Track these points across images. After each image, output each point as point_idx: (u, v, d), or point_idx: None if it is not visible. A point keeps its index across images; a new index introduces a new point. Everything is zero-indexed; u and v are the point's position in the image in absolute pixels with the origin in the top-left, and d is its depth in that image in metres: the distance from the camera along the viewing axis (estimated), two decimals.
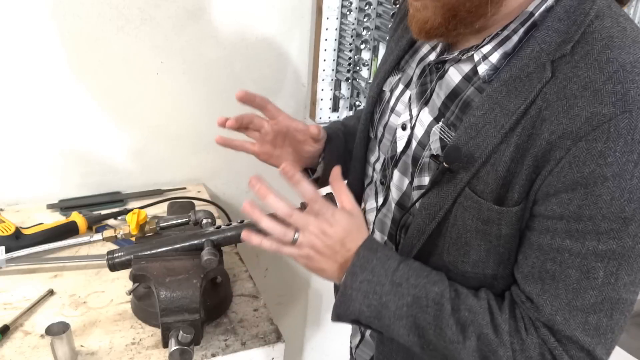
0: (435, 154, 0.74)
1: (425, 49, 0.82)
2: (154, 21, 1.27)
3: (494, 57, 0.69)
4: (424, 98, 0.78)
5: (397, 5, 1.26)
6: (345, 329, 0.97)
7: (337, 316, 0.75)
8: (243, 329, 0.96)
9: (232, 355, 0.90)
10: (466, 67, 0.73)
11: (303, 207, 0.91)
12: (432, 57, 0.80)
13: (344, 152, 1.01)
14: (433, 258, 0.76)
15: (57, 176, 1.33)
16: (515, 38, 0.68)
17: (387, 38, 0.96)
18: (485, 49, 0.70)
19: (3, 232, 1.10)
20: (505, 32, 0.68)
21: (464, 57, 0.72)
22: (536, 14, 0.67)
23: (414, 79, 0.81)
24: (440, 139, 0.74)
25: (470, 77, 0.72)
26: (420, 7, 0.70)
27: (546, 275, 0.66)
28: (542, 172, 0.63)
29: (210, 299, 0.94)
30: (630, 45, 0.62)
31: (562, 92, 0.62)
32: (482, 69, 0.70)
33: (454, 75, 0.74)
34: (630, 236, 0.61)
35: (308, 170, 1.01)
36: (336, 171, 0.77)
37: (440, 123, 0.74)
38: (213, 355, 0.90)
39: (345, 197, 0.77)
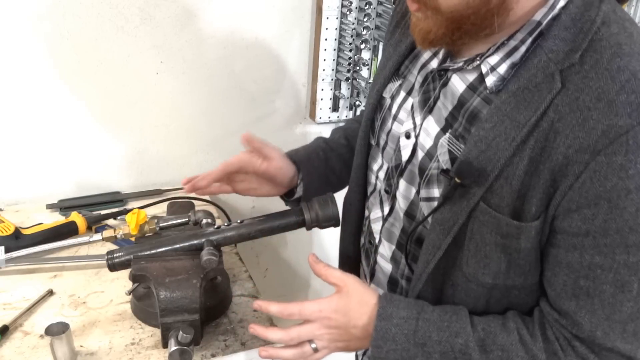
0: (445, 168, 0.72)
1: (427, 54, 0.81)
2: (154, 21, 1.26)
3: (502, 68, 0.68)
4: (427, 106, 0.77)
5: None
6: None
7: None
8: (243, 329, 0.95)
9: (232, 355, 0.90)
10: (470, 77, 0.71)
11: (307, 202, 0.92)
12: (434, 63, 0.78)
13: (325, 170, 1.02)
14: (452, 270, 0.74)
15: (57, 176, 1.32)
16: (522, 48, 0.67)
17: (384, 42, 0.95)
18: (493, 59, 0.68)
19: (3, 232, 1.09)
20: (513, 42, 0.67)
21: (469, 67, 0.71)
22: (543, 23, 0.65)
23: (416, 86, 0.80)
24: (449, 150, 0.72)
25: (475, 86, 0.71)
26: (421, 17, 0.69)
27: (580, 292, 0.65)
28: (561, 187, 0.62)
29: (210, 299, 0.94)
30: (639, 52, 0.61)
31: (575, 104, 0.61)
32: (490, 81, 0.68)
33: (458, 84, 0.73)
34: None
35: (293, 190, 1.02)
36: (312, 258, 0.80)
37: (448, 134, 0.73)
38: (213, 356, 0.89)
39: (332, 278, 0.78)
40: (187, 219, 1.02)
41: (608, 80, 0.60)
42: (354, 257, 1.00)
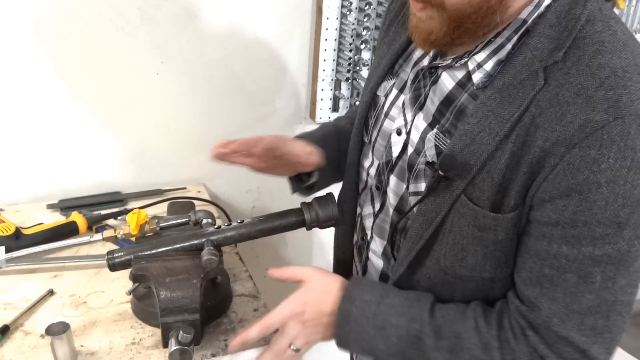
0: (430, 160, 0.74)
1: (419, 52, 0.82)
2: (154, 21, 1.27)
3: (489, 65, 0.69)
4: (418, 103, 0.78)
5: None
6: None
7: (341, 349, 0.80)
8: (243, 329, 0.95)
9: (232, 355, 0.90)
10: (459, 74, 0.73)
11: (305, 206, 0.92)
12: (426, 62, 0.79)
13: (338, 155, 0.99)
14: (429, 263, 0.76)
15: (57, 176, 1.33)
16: (508, 46, 0.68)
17: (378, 41, 0.96)
18: (479, 57, 0.69)
19: (3, 232, 1.10)
20: (499, 40, 0.68)
21: (457, 64, 0.72)
22: (529, 21, 0.66)
23: (408, 83, 0.81)
24: (436, 145, 0.74)
25: (463, 83, 0.72)
26: (425, 18, 0.69)
27: (544, 280, 0.66)
28: (537, 179, 0.64)
29: (210, 299, 0.94)
30: (621, 50, 0.62)
31: (555, 99, 0.62)
32: (477, 77, 0.70)
33: (447, 81, 0.74)
34: (625, 240, 0.61)
35: (305, 175, 0.99)
36: (271, 271, 0.85)
37: (435, 129, 0.74)
38: (213, 355, 0.90)
39: (295, 276, 0.83)
40: (187, 219, 1.02)
41: (588, 77, 0.61)
42: (348, 254, 1.01)
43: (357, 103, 1.49)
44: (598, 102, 0.60)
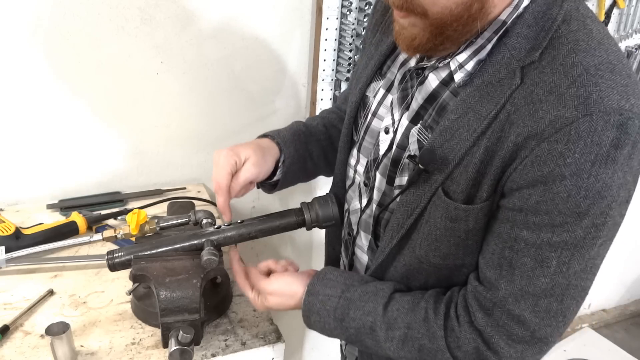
0: (412, 154, 0.76)
1: (405, 54, 0.84)
2: (154, 21, 1.26)
3: (469, 65, 0.71)
4: (405, 103, 0.80)
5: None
6: None
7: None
8: (243, 329, 0.96)
9: (232, 355, 0.90)
10: (443, 73, 0.75)
11: (304, 205, 0.93)
12: (412, 63, 0.81)
13: (305, 154, 1.03)
14: (406, 252, 0.79)
15: (57, 176, 1.33)
16: (489, 46, 0.70)
17: (365, 41, 0.97)
18: (461, 57, 0.72)
19: (3, 232, 1.09)
20: (480, 41, 0.70)
21: (441, 64, 0.75)
22: (508, 22, 0.68)
23: (395, 83, 0.83)
24: (418, 140, 0.76)
25: (447, 81, 0.75)
26: (407, 25, 0.71)
27: (504, 262, 0.69)
28: (507, 171, 0.66)
29: (210, 299, 0.95)
30: (595, 48, 0.64)
31: (530, 97, 0.64)
32: (459, 77, 0.72)
33: (432, 82, 0.76)
34: (582, 228, 0.64)
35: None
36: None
37: (419, 125, 0.77)
38: (213, 355, 0.90)
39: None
40: (187, 219, 1.02)
41: (561, 75, 0.63)
42: (338, 249, 1.03)
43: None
44: (569, 99, 0.62)
